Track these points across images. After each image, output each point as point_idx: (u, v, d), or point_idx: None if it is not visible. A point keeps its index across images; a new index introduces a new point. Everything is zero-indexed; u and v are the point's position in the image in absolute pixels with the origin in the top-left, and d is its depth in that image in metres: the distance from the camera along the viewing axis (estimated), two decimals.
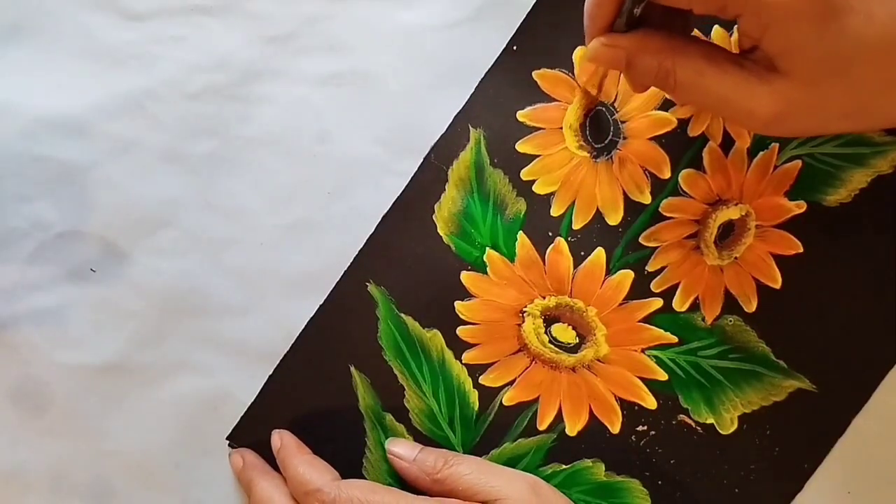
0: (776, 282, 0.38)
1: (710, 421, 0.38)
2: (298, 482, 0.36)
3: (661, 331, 0.38)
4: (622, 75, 0.39)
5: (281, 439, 0.38)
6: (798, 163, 0.39)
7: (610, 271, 0.39)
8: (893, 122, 0.33)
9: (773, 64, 0.31)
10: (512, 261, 0.39)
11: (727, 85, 0.31)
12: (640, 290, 0.38)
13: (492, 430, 0.38)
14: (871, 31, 0.29)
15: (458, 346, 0.39)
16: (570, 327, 0.39)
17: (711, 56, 0.32)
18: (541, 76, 0.39)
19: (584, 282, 0.39)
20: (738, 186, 0.38)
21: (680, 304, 0.38)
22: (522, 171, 0.39)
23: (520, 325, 0.39)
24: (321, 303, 0.39)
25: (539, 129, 0.39)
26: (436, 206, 0.39)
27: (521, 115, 0.39)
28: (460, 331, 0.39)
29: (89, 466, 0.38)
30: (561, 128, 0.39)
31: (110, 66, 0.39)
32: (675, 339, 0.38)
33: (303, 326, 0.39)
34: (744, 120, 0.34)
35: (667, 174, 0.39)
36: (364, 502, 0.34)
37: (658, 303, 0.38)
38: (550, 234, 0.39)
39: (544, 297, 0.39)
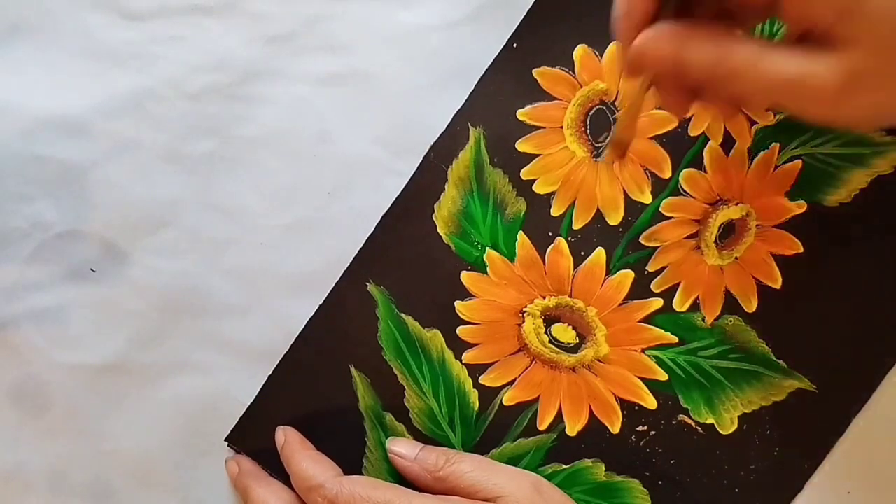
0: (776, 282, 0.38)
1: (710, 421, 0.38)
2: (301, 478, 0.36)
3: (661, 331, 0.38)
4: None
5: (285, 435, 0.38)
6: (798, 163, 0.38)
7: (610, 271, 0.39)
8: None
9: (831, 38, 0.28)
10: (512, 261, 0.39)
11: (788, 65, 0.28)
12: (640, 290, 0.38)
13: (492, 429, 0.38)
14: None
15: (459, 346, 0.39)
16: (570, 327, 0.39)
17: (766, 41, 0.29)
18: (541, 74, 0.39)
19: (585, 282, 0.39)
20: (738, 186, 0.38)
21: (680, 304, 0.38)
22: (522, 170, 0.39)
23: (520, 325, 0.39)
24: (321, 303, 0.39)
25: (539, 127, 0.39)
26: (435, 206, 0.39)
27: (521, 114, 0.39)
28: (460, 331, 0.39)
29: (89, 466, 0.38)
30: (561, 126, 0.39)
31: (110, 66, 0.39)
32: (675, 339, 0.38)
33: (303, 326, 0.39)
34: (809, 101, 0.30)
35: (667, 174, 0.39)
36: (366, 498, 0.34)
37: (658, 303, 0.38)
38: (550, 233, 0.39)
39: (544, 297, 0.39)
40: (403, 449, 0.37)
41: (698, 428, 0.38)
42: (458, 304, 0.39)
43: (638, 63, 0.31)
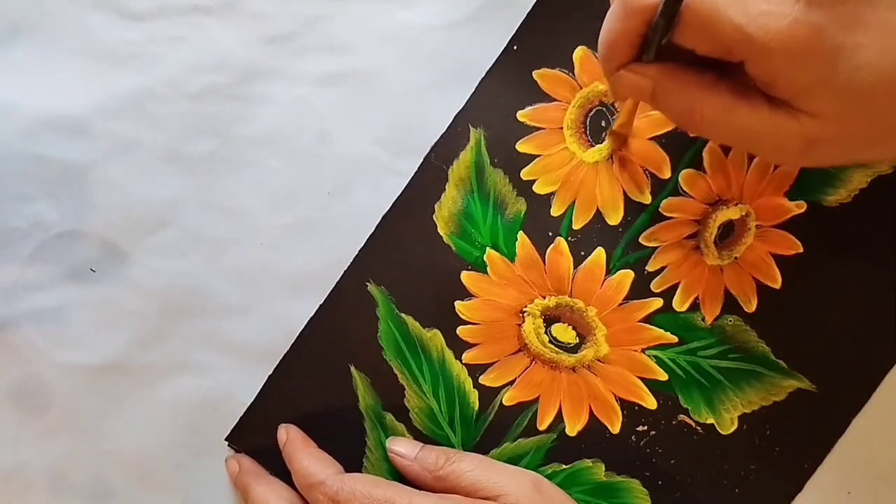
0: (776, 282, 0.38)
1: (710, 421, 0.38)
2: (302, 475, 0.36)
3: (661, 331, 0.38)
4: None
5: (287, 433, 0.38)
6: None
7: (610, 271, 0.39)
8: None
9: (793, 107, 0.30)
10: (512, 261, 0.39)
11: (756, 121, 0.31)
12: (640, 290, 0.38)
13: (492, 429, 0.38)
14: (888, 63, 0.29)
15: (459, 346, 0.39)
16: (571, 327, 0.39)
17: (740, 92, 0.31)
18: (541, 76, 0.39)
19: (585, 282, 0.39)
20: (738, 186, 0.38)
21: (680, 304, 0.38)
22: (522, 171, 0.39)
23: (520, 325, 0.39)
24: (321, 303, 0.39)
25: (539, 129, 0.39)
26: (436, 206, 0.39)
27: (522, 115, 0.39)
28: (460, 330, 0.39)
29: (89, 466, 0.38)
30: (561, 128, 0.39)
31: (110, 66, 0.39)
32: (675, 339, 0.38)
33: (303, 326, 0.39)
34: (773, 154, 0.35)
35: (667, 174, 0.39)
36: (367, 495, 0.34)
37: (658, 303, 0.38)
38: (550, 233, 0.39)
39: (544, 297, 0.39)
40: (403, 448, 0.37)
41: (698, 428, 0.38)
42: (458, 304, 0.39)
43: (617, 94, 0.34)
